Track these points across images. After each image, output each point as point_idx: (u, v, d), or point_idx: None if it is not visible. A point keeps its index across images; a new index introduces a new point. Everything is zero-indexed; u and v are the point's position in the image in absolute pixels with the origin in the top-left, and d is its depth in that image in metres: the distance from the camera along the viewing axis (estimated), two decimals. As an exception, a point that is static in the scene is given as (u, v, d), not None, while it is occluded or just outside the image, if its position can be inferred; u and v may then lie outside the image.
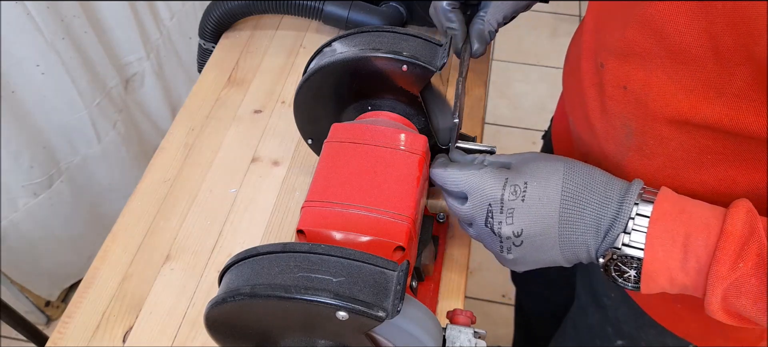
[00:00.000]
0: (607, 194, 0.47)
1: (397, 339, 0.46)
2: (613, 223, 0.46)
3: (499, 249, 0.51)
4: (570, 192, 0.47)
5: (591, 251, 0.48)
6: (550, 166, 0.49)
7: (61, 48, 1.20)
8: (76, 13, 1.24)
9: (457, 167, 0.53)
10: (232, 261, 0.48)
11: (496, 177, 0.50)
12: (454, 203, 0.54)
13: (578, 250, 0.49)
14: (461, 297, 0.67)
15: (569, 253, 0.49)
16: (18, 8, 1.11)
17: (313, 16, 0.94)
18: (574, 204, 0.47)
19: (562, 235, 0.48)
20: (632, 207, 0.46)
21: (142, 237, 0.73)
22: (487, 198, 0.50)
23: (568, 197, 0.47)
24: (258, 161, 0.81)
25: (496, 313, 1.66)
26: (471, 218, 0.52)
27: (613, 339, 0.73)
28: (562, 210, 0.47)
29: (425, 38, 0.61)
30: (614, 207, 0.47)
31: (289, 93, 0.89)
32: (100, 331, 0.66)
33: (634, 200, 0.46)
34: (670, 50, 0.47)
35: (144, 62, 1.49)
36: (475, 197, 0.51)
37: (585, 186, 0.48)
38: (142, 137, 1.56)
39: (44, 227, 1.38)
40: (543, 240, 0.49)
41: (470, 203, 0.51)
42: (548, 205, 0.48)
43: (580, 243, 0.48)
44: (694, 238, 0.44)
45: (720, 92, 0.45)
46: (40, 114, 1.25)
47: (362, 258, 0.45)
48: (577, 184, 0.48)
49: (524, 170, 0.50)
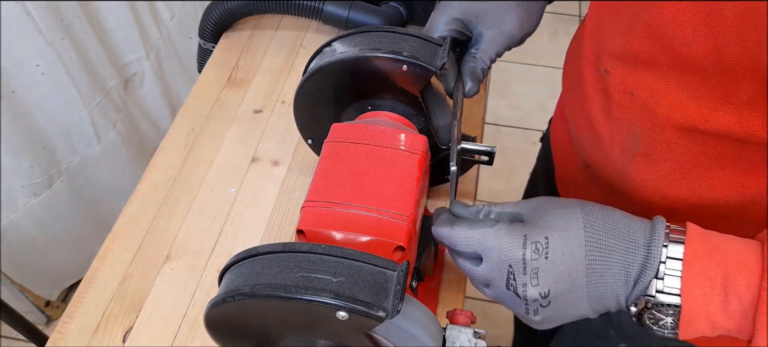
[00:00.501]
0: (631, 238, 0.44)
1: (397, 339, 0.46)
2: (643, 269, 0.43)
3: (524, 312, 0.47)
4: (594, 241, 0.44)
5: (621, 300, 0.45)
6: (567, 215, 0.46)
7: (61, 48, 1.20)
8: (76, 13, 1.24)
9: (466, 226, 0.48)
10: (232, 260, 0.48)
11: (514, 235, 0.45)
12: (466, 264, 0.49)
13: (608, 301, 0.45)
14: (461, 297, 0.67)
15: (598, 306, 0.46)
16: (18, 8, 1.11)
17: (313, 16, 0.94)
18: (599, 254, 0.44)
19: (590, 289, 0.45)
20: (661, 250, 0.43)
21: (142, 237, 0.73)
22: (507, 259, 0.45)
23: (593, 247, 0.44)
24: (258, 161, 0.81)
25: (496, 313, 1.65)
26: (488, 280, 0.48)
27: (616, 342, 0.73)
28: (588, 263, 0.44)
29: (425, 38, 0.61)
30: (642, 252, 0.44)
31: (289, 93, 0.89)
32: (100, 331, 0.66)
33: (662, 243, 0.43)
34: (677, 59, 0.46)
35: (144, 62, 1.49)
36: (493, 258, 0.46)
37: (607, 231, 0.45)
38: (142, 137, 1.56)
39: (44, 227, 1.38)
40: (570, 297, 0.45)
41: (487, 265, 0.47)
42: (573, 259, 0.44)
43: (609, 295, 0.45)
44: (733, 280, 0.41)
45: (729, 100, 0.45)
46: (40, 114, 1.25)
47: (362, 258, 0.45)
48: (599, 230, 0.45)
49: (541, 223, 0.46)
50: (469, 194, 0.76)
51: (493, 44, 0.61)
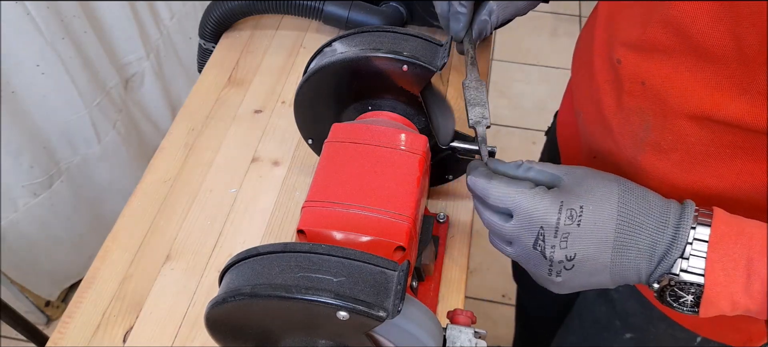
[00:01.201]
0: (662, 219, 0.45)
1: (398, 339, 0.46)
2: (670, 248, 0.45)
3: (547, 273, 0.48)
4: (626, 217, 0.46)
5: (642, 275, 0.46)
6: (605, 187, 0.47)
7: (61, 48, 1.20)
8: (76, 13, 1.24)
9: (504, 182, 0.49)
10: (232, 260, 0.48)
11: (550, 199, 0.46)
12: (493, 218, 0.50)
13: (628, 274, 0.47)
14: (461, 297, 0.67)
15: (619, 277, 0.47)
16: (18, 8, 1.11)
17: (313, 16, 0.94)
18: (629, 229, 0.45)
19: (614, 260, 0.46)
20: (689, 232, 0.44)
21: (142, 237, 0.73)
22: (540, 221, 0.46)
23: (624, 222, 0.45)
24: (258, 161, 0.81)
25: (496, 313, 1.66)
26: (515, 238, 0.49)
27: (622, 333, 0.73)
28: (617, 235, 0.45)
29: (425, 38, 0.61)
30: (670, 232, 0.45)
31: (289, 93, 0.89)
32: (100, 331, 0.66)
33: (691, 224, 0.44)
34: (693, 49, 0.47)
35: (144, 62, 1.49)
36: (525, 218, 0.47)
37: (641, 210, 0.46)
38: (142, 137, 1.56)
39: (44, 227, 1.38)
40: (594, 265, 0.47)
41: (517, 223, 0.48)
42: (604, 230, 0.45)
43: (631, 268, 0.46)
44: (757, 262, 0.42)
45: (743, 90, 0.45)
46: (40, 114, 1.25)
47: (363, 258, 0.45)
48: (632, 208, 0.46)
49: (579, 191, 0.47)
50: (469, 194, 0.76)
51: (504, 10, 0.65)
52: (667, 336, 0.69)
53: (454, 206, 0.75)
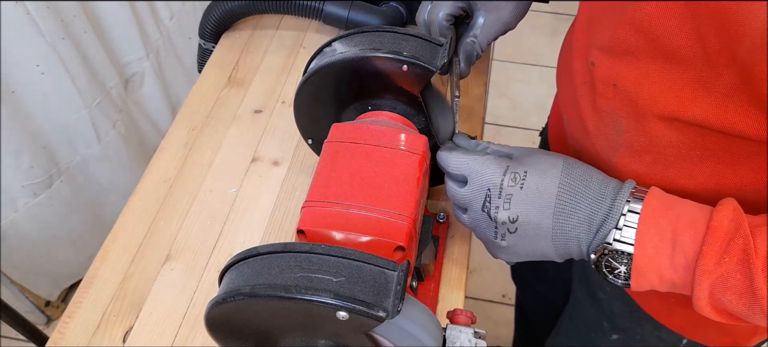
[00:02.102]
0: (601, 191, 0.49)
1: (398, 339, 0.46)
2: (606, 219, 0.48)
3: (493, 235, 0.52)
4: (567, 186, 0.49)
5: (582, 245, 0.49)
6: (550, 160, 0.51)
7: (61, 48, 1.20)
8: (76, 13, 1.24)
9: (461, 152, 0.55)
10: (232, 260, 0.48)
11: (497, 163, 0.51)
12: (453, 186, 0.55)
13: (570, 244, 0.50)
14: (461, 297, 0.67)
15: (561, 247, 0.50)
16: (18, 8, 1.11)
17: (313, 16, 0.94)
18: (569, 197, 0.49)
19: (555, 226, 0.49)
20: (624, 204, 0.47)
21: (142, 237, 0.73)
22: (487, 183, 0.51)
23: (565, 190, 0.49)
24: (258, 161, 0.81)
25: (496, 313, 1.66)
26: (468, 202, 0.53)
27: (609, 333, 0.74)
28: (558, 202, 0.49)
29: (425, 38, 0.61)
30: (607, 203, 0.48)
31: (289, 93, 0.89)
32: (100, 331, 0.66)
33: (626, 198, 0.48)
34: (660, 50, 0.48)
35: (144, 62, 1.49)
36: (475, 181, 0.52)
37: (582, 181, 0.49)
38: (142, 137, 1.56)
39: (44, 227, 1.38)
40: (536, 231, 0.50)
41: (469, 187, 0.53)
42: (545, 195, 0.49)
43: (572, 237, 0.49)
44: (681, 234, 0.45)
45: (709, 91, 0.46)
46: (40, 114, 1.25)
47: (362, 258, 0.45)
48: (574, 178, 0.49)
49: (525, 160, 0.51)
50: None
51: (492, 28, 0.64)
52: (653, 338, 0.69)
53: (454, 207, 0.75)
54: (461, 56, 0.64)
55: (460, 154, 0.55)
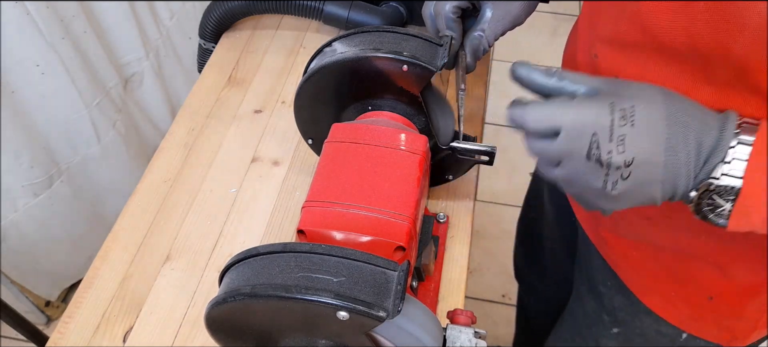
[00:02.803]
0: (705, 120, 0.44)
1: (398, 339, 0.46)
2: (714, 150, 0.43)
3: (602, 184, 0.45)
4: (673, 115, 0.44)
5: (690, 179, 0.44)
6: (649, 89, 0.45)
7: (61, 48, 1.20)
8: (75, 13, 1.24)
9: (539, 104, 0.47)
10: (232, 260, 0.48)
11: (600, 103, 0.44)
12: (538, 143, 0.47)
13: (678, 181, 0.44)
14: (461, 297, 0.67)
15: (668, 185, 0.45)
16: (18, 8, 1.11)
17: (313, 16, 0.94)
18: (678, 128, 0.43)
19: (667, 162, 0.44)
20: (732, 136, 0.43)
21: (142, 237, 0.73)
22: (592, 126, 0.44)
23: (673, 121, 0.44)
24: (258, 161, 0.81)
25: (496, 313, 1.65)
26: (566, 154, 0.46)
27: (609, 327, 0.74)
28: (668, 135, 0.43)
29: (425, 38, 0.61)
30: (715, 133, 0.43)
31: (289, 93, 0.89)
32: (100, 331, 0.66)
33: (734, 129, 0.43)
34: (657, 45, 0.48)
35: (144, 62, 1.48)
36: (575, 128, 0.44)
37: (685, 110, 0.44)
38: (142, 137, 1.56)
39: (44, 227, 1.38)
40: (649, 169, 0.44)
41: (566, 137, 0.45)
42: (656, 128, 0.43)
43: (681, 173, 0.44)
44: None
45: (709, 81, 0.46)
46: (40, 114, 1.25)
47: (363, 258, 0.45)
48: (677, 107, 0.44)
49: (625, 93, 0.45)
50: (469, 194, 0.76)
51: (499, 23, 0.62)
52: (652, 332, 0.69)
53: (454, 206, 0.75)
54: (468, 50, 0.62)
55: (539, 106, 0.46)
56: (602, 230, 0.68)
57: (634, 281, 0.68)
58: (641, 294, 0.68)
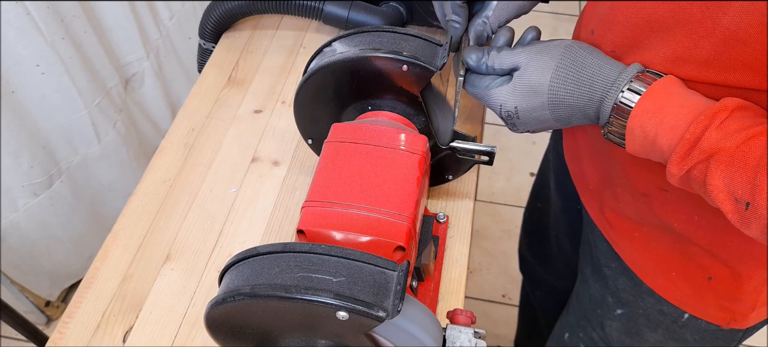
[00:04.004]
0: (603, 63, 0.53)
1: (397, 339, 0.46)
2: (614, 82, 0.52)
3: (505, 117, 0.59)
4: (566, 64, 0.53)
5: (589, 103, 0.53)
6: (538, 79, 0.55)
7: (61, 48, 1.20)
8: (76, 13, 1.24)
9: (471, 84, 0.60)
10: (232, 260, 0.48)
11: (495, 98, 0.58)
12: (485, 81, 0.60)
13: (573, 104, 0.54)
14: (461, 297, 0.67)
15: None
16: (18, 8, 1.11)
17: (313, 16, 0.94)
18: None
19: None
20: (629, 78, 0.51)
21: (142, 237, 0.73)
22: (493, 110, 0.59)
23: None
24: (258, 161, 0.81)
25: (496, 313, 1.65)
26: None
27: (614, 308, 0.75)
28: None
29: (425, 38, 0.61)
30: (612, 72, 0.52)
31: (289, 93, 0.89)
32: (100, 331, 0.66)
33: (633, 74, 0.51)
34: (648, 23, 0.51)
35: (144, 62, 1.49)
36: (486, 98, 0.59)
37: (584, 57, 0.54)
38: (142, 137, 1.56)
39: (44, 227, 1.38)
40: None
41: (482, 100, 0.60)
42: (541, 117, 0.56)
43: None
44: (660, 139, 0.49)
45: (688, 59, 0.49)
46: (40, 114, 1.25)
47: (362, 258, 0.45)
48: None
49: (518, 89, 0.56)
50: (469, 194, 0.76)
51: (504, 10, 0.62)
52: (655, 311, 0.70)
53: (454, 206, 0.75)
54: (471, 37, 0.63)
55: (471, 88, 0.60)
56: (606, 211, 0.69)
57: (637, 262, 0.69)
58: (643, 274, 0.69)
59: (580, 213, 0.79)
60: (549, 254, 1.03)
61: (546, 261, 1.05)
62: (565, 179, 0.80)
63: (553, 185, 0.92)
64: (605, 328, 0.78)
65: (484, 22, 0.62)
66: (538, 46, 0.57)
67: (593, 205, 0.72)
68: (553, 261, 1.02)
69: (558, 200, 0.92)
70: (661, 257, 0.66)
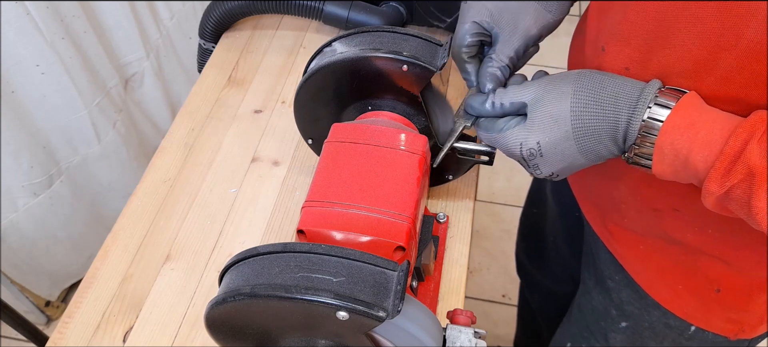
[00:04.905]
0: (622, 84, 0.50)
1: (398, 339, 0.46)
2: (637, 101, 0.49)
3: (527, 166, 0.56)
4: (579, 136, 0.51)
5: (614, 130, 0.50)
6: (557, 108, 0.52)
7: (61, 48, 1.20)
8: (76, 13, 1.24)
9: (488, 126, 0.57)
10: (232, 260, 0.48)
11: (513, 140, 0.54)
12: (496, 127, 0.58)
13: (598, 135, 0.51)
14: (461, 297, 0.67)
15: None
16: (18, 8, 1.11)
17: (313, 16, 0.94)
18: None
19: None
20: (653, 95, 0.48)
21: (142, 237, 0.73)
22: (512, 155, 0.56)
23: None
24: (258, 161, 0.81)
25: (496, 313, 1.65)
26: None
27: (618, 321, 0.74)
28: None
29: (425, 38, 0.61)
30: (634, 91, 0.49)
31: (289, 93, 0.89)
32: (100, 331, 0.66)
33: (655, 91, 0.48)
34: (663, 37, 0.49)
35: (144, 62, 1.49)
36: (503, 147, 0.56)
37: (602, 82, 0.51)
38: (142, 137, 1.56)
39: (44, 227, 1.38)
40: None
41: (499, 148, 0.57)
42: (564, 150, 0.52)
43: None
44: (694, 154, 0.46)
45: (709, 71, 0.48)
46: (40, 114, 1.25)
47: (362, 258, 0.45)
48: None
49: (535, 122, 0.53)
50: (469, 194, 0.76)
51: (509, 44, 0.58)
52: (660, 325, 0.70)
53: (454, 206, 0.75)
54: (484, 79, 0.58)
55: (483, 132, 0.58)
56: (609, 224, 0.68)
57: (642, 274, 0.68)
58: (649, 287, 0.68)
59: (579, 219, 0.78)
60: (546, 259, 1.02)
61: (543, 266, 1.05)
62: (562, 186, 0.79)
63: (549, 191, 0.92)
64: (609, 340, 0.77)
65: (489, 60, 0.58)
66: (548, 77, 0.55)
67: (594, 216, 0.71)
68: (550, 265, 1.01)
69: (555, 206, 0.91)
70: (666, 269, 0.65)
